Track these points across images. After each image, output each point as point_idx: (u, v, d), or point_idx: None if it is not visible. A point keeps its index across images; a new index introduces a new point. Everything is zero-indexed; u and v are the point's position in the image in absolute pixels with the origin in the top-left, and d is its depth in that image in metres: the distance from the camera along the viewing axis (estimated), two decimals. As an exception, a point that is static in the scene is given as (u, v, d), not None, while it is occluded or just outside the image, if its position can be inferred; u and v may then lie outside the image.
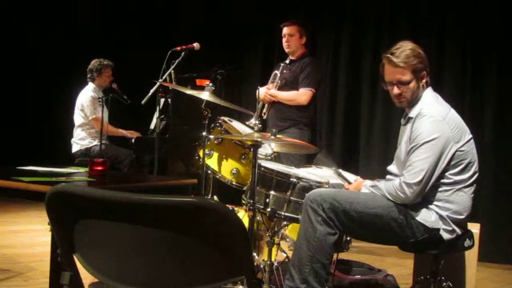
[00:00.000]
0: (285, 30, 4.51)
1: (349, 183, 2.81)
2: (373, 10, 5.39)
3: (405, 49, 2.56)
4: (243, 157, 3.22)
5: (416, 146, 2.46)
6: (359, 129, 5.45)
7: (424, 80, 2.60)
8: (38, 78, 6.66)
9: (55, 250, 1.38)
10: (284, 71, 4.49)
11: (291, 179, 2.77)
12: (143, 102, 3.93)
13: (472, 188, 2.55)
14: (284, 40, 4.52)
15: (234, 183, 3.24)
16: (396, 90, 2.58)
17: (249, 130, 3.44)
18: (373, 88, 5.27)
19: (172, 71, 3.99)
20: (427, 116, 2.48)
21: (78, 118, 5.28)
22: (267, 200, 2.79)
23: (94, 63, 5.32)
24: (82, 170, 3.04)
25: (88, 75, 5.32)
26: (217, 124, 3.34)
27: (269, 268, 2.83)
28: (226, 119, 3.46)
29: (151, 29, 6.75)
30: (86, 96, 5.23)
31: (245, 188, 3.09)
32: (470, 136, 2.57)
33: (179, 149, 5.16)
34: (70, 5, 6.84)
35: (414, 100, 2.59)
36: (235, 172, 3.22)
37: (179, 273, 1.28)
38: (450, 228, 2.49)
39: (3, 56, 6.62)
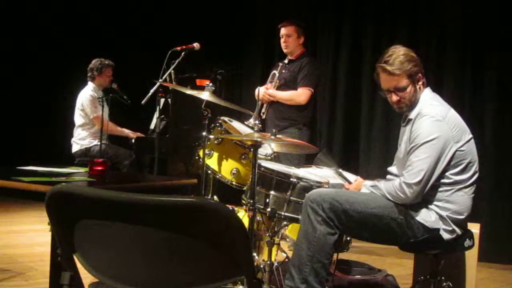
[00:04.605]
0: (283, 31, 4.51)
1: (350, 183, 2.81)
2: (373, 10, 5.39)
3: (398, 55, 2.55)
4: (243, 157, 3.22)
5: (416, 146, 2.46)
6: (359, 129, 5.45)
7: (420, 82, 2.60)
8: (38, 78, 6.66)
9: (55, 250, 1.38)
10: (283, 71, 4.49)
11: (291, 179, 2.77)
12: (143, 102, 3.93)
13: (472, 188, 2.55)
14: (282, 40, 4.52)
15: (234, 183, 3.24)
16: (394, 98, 2.59)
17: (249, 130, 3.44)
18: (373, 88, 5.27)
19: (172, 71, 3.99)
20: (427, 116, 2.48)
21: (78, 118, 5.28)
22: (267, 200, 2.79)
23: (95, 62, 5.33)
24: (82, 170, 3.04)
25: (89, 74, 5.33)
26: (217, 124, 3.34)
27: (269, 268, 2.83)
28: (226, 119, 3.46)
29: (151, 29, 6.74)
30: (86, 95, 5.24)
31: (245, 188, 3.09)
32: (470, 136, 2.57)
33: (179, 149, 5.16)
34: (70, 5, 6.84)
35: (413, 104, 2.59)
36: (235, 172, 3.22)
37: (179, 273, 1.27)
38: (450, 228, 2.49)
39: (3, 56, 6.62)
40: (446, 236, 2.48)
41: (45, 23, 6.77)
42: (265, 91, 4.42)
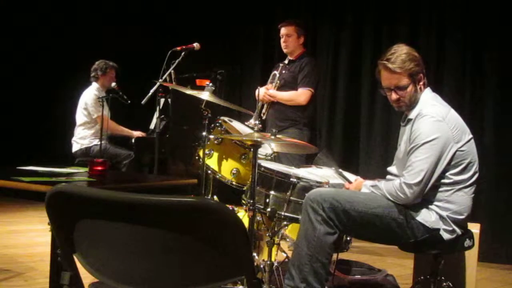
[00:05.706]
0: (283, 31, 4.51)
1: (350, 182, 2.81)
2: (373, 10, 5.39)
3: (400, 53, 2.55)
4: (243, 157, 3.22)
5: (416, 146, 2.46)
6: (359, 129, 5.45)
7: (421, 83, 2.59)
8: (38, 77, 6.66)
9: (55, 250, 1.38)
10: (283, 71, 4.49)
11: (291, 179, 2.77)
12: (143, 102, 3.93)
13: (472, 188, 2.55)
14: (282, 40, 4.52)
15: (234, 183, 3.24)
16: (394, 96, 2.58)
17: (249, 130, 3.44)
18: (373, 88, 5.28)
19: (172, 71, 3.99)
20: (427, 117, 2.48)
21: (80, 117, 5.29)
22: (267, 200, 2.79)
23: (99, 62, 5.36)
24: (82, 170, 3.04)
25: (92, 74, 5.34)
26: (217, 124, 3.34)
27: (269, 268, 2.83)
28: (226, 119, 3.46)
29: (151, 29, 6.75)
30: (90, 95, 5.25)
31: (245, 188, 3.09)
32: (470, 136, 2.57)
33: (179, 149, 5.16)
34: (70, 5, 6.84)
35: (413, 104, 2.59)
36: (235, 172, 3.22)
37: (179, 273, 1.27)
38: (450, 228, 2.49)
39: (3, 55, 6.61)
40: (446, 236, 2.48)
41: (46, 23, 6.77)
42: (265, 92, 4.43)
